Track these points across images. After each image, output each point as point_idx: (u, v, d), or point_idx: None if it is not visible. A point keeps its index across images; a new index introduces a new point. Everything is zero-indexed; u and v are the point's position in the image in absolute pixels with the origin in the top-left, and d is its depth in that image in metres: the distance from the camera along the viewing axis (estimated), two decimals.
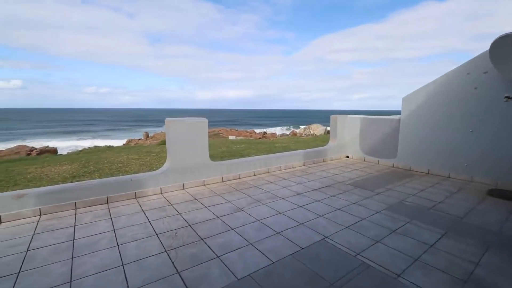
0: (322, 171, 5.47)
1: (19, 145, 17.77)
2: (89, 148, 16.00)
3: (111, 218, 3.11)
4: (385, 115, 6.63)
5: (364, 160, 6.47)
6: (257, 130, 29.83)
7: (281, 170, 5.47)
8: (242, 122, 74.24)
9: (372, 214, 3.24)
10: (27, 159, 9.79)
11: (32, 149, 15.84)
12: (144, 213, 3.26)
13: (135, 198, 3.81)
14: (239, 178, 4.84)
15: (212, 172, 4.54)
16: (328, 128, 25.64)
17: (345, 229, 2.83)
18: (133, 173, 5.64)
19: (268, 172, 5.26)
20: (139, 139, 22.67)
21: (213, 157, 8.24)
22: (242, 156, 7.88)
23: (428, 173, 5.24)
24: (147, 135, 24.74)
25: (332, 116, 6.96)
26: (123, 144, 20.47)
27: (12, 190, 4.85)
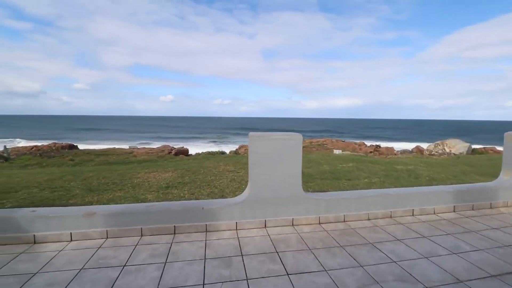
0: (494, 228, 3.21)
1: (164, 145, 22.38)
2: (202, 153, 17.88)
3: (164, 263, 2.39)
4: None
5: None
6: (368, 143, 25.93)
7: (413, 216, 3.57)
8: (351, 134, 68.23)
9: None
10: (151, 161, 11.43)
11: (172, 148, 19.71)
12: (204, 264, 2.38)
13: (205, 231, 3.04)
14: (343, 221, 3.36)
15: (304, 208, 3.29)
16: (474, 146, 19.11)
17: None
18: (220, 190, 5.10)
19: (390, 217, 3.50)
20: None
21: (311, 177, 6.91)
22: (350, 180, 6.18)
23: None
24: None
25: (507, 134, 4.33)
26: (235, 149, 22.27)
27: (114, 195, 5.18)
